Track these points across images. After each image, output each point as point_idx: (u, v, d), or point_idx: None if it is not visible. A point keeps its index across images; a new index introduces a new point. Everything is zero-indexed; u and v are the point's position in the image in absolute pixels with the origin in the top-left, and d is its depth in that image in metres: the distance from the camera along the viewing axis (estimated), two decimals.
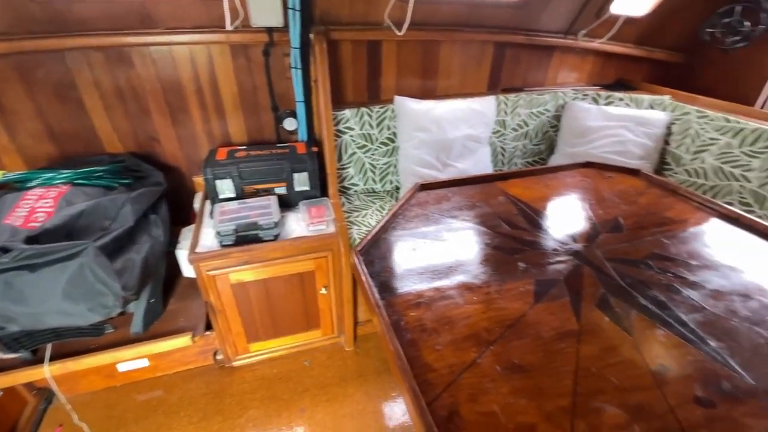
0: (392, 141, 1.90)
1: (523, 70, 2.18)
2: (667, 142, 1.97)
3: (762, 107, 1.99)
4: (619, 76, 2.40)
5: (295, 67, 1.64)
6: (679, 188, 1.36)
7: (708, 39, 2.12)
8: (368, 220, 1.70)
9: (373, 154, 1.89)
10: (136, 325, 1.39)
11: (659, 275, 0.96)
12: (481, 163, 1.92)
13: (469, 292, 0.90)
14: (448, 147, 1.84)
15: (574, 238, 1.11)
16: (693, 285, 0.93)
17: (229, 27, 1.49)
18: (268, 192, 1.61)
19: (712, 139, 1.78)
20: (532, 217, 1.21)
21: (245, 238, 1.42)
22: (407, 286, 0.91)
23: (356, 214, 1.75)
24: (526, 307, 0.86)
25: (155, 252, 1.32)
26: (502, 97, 2.03)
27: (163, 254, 1.44)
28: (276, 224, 1.44)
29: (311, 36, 1.56)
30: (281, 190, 1.61)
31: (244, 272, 1.46)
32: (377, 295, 0.86)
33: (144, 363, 1.58)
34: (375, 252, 1.03)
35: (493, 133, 2.05)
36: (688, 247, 1.07)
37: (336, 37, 1.68)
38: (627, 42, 2.22)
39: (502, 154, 2.12)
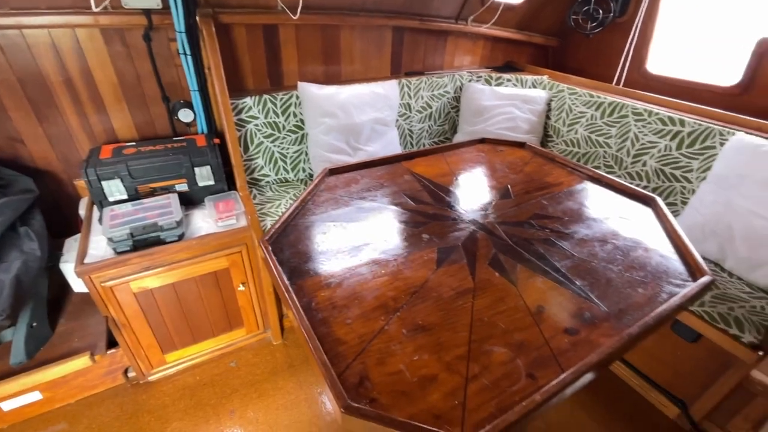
0: (300, 128, 1.87)
1: (422, 55, 2.28)
2: (548, 117, 2.23)
3: (618, 84, 2.36)
4: (507, 59, 2.64)
5: (184, 54, 1.52)
6: (556, 156, 1.57)
7: (573, 25, 2.42)
8: (282, 210, 1.68)
9: (281, 143, 1.85)
10: (17, 355, 1.22)
11: (539, 232, 1.11)
12: (390, 146, 1.99)
13: (378, 266, 0.95)
14: (357, 131, 1.88)
15: (471, 208, 1.22)
16: (565, 237, 1.09)
17: (94, 8, 1.32)
18: (167, 190, 1.49)
19: (581, 112, 2.06)
20: (435, 192, 1.30)
21: (144, 241, 1.31)
22: (318, 269, 0.93)
23: (269, 205, 1.71)
24: (429, 273, 0.93)
25: (30, 269, 1.15)
26: (404, 80, 2.11)
27: (42, 270, 1.27)
28: (178, 223, 1.35)
29: (197, 19, 1.46)
30: (182, 186, 1.51)
31: (148, 278, 1.35)
32: (286, 281, 0.87)
33: (36, 396, 1.39)
34: (284, 240, 1.03)
35: (400, 116, 2.13)
36: (563, 206, 1.25)
37: (226, 20, 1.59)
38: (510, 27, 2.45)
39: (410, 136, 2.22)
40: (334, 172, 1.40)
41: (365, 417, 0.61)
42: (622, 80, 2.34)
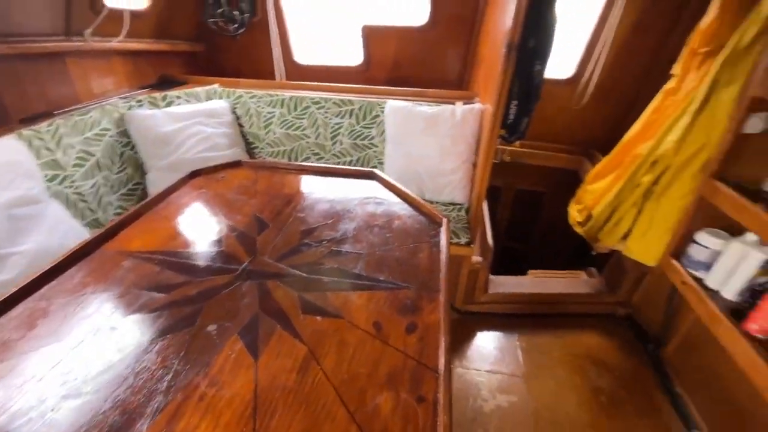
0: None
1: (35, 90, 1.61)
2: (241, 125, 2.13)
3: (281, 79, 2.51)
4: (160, 74, 2.27)
5: None
6: (277, 164, 1.52)
7: (216, 28, 2.33)
8: None
9: None
10: None
11: (320, 248, 1.06)
12: (59, 229, 1.36)
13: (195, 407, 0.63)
14: None
15: (238, 259, 1.01)
16: (343, 240, 1.09)
17: None
18: None
19: (269, 113, 2.08)
20: (180, 264, 0.99)
21: None
22: None
23: None
24: (251, 373, 0.71)
25: None
26: (28, 131, 1.44)
27: None
28: None
29: None
30: None
31: None
32: None
33: None
34: None
35: (50, 180, 1.47)
36: (318, 211, 1.23)
37: None
38: (147, 38, 2.08)
39: (84, 201, 1.59)
40: None
41: None
42: (283, 75, 2.51)
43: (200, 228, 1.16)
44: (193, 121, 1.91)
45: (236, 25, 2.31)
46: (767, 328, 1.18)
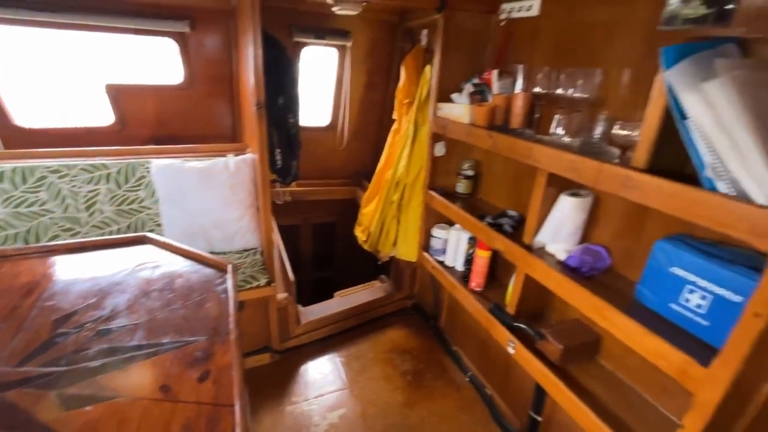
0: None
1: None
2: None
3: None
4: None
5: None
6: (7, 251, 1.23)
7: None
8: None
9: None
10: None
11: (81, 332, 0.94)
12: None
13: None
14: None
15: None
16: (111, 317, 1.00)
17: None
18: None
19: None
20: None
21: None
22: None
23: None
24: None
25: None
26: None
27: None
28: None
29: None
30: None
31: None
32: None
33: None
34: None
35: None
36: (75, 293, 1.08)
37: None
38: None
39: None
40: None
41: None
42: None
43: None
44: None
45: None
46: (480, 282, 1.73)
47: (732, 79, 0.73)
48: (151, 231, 1.94)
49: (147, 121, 2.33)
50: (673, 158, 0.93)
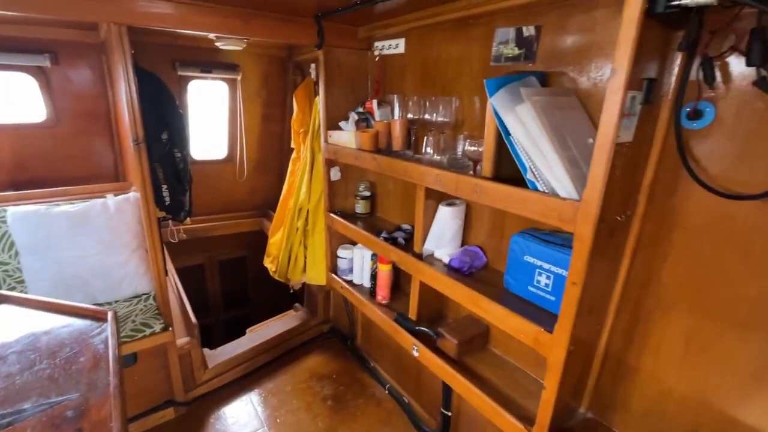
0: None
1: None
2: None
3: None
4: None
5: None
6: None
7: None
8: None
9: None
10: None
11: None
12: None
13: None
14: None
15: None
16: None
17: None
18: None
19: None
20: None
21: None
22: None
23: None
24: None
25: None
26: None
27: None
28: None
29: None
30: None
31: None
32: None
33: None
34: None
35: None
36: None
37: None
38: None
39: None
40: None
41: None
42: None
43: None
44: None
45: None
46: (385, 295, 1.82)
47: (533, 102, 0.94)
48: (12, 289, 1.68)
49: (3, 166, 2.04)
50: (512, 167, 1.14)
